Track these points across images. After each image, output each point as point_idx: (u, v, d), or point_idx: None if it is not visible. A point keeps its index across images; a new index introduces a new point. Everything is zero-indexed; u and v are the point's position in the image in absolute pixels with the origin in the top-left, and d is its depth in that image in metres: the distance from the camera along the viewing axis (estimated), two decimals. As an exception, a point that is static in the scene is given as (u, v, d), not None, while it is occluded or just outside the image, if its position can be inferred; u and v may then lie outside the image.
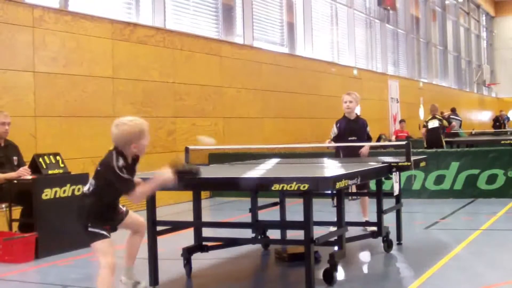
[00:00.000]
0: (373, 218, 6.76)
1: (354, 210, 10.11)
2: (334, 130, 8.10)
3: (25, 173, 7.31)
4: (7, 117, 7.60)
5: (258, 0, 16.15)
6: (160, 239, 5.69)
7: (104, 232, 4.50)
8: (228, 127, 13.78)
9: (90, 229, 4.49)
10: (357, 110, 8.38)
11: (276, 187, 4.85)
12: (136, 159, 4.61)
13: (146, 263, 5.55)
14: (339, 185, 4.90)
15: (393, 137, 22.26)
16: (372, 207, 6.87)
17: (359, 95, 8.19)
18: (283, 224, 7.24)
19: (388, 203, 6.86)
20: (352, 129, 7.99)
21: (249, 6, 15.43)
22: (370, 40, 24.04)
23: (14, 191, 7.34)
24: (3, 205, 7.50)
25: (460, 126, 22.70)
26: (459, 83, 36.36)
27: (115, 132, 4.46)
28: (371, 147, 13.24)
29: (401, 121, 22.06)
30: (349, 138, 7.94)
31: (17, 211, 7.58)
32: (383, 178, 6.59)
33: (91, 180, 4.58)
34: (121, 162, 4.44)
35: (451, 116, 23.07)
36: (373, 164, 6.41)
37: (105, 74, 10.68)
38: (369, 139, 8.01)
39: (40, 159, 7.50)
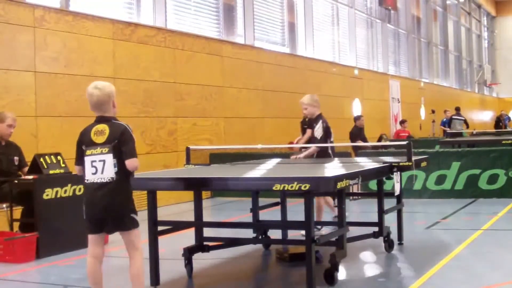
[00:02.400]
0: (374, 218, 6.76)
1: (355, 210, 10.13)
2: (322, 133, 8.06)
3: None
4: (15, 121, 7.63)
5: (259, 0, 16.15)
6: (161, 239, 5.69)
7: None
8: (229, 127, 13.79)
9: (133, 215, 4.50)
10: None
11: (277, 187, 4.85)
12: None
13: (147, 263, 5.54)
14: (340, 185, 4.90)
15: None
16: (374, 207, 6.86)
17: (313, 97, 8.05)
18: (284, 224, 7.24)
19: (389, 203, 6.86)
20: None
21: (250, 6, 15.43)
22: (371, 40, 24.03)
23: (15, 191, 7.34)
24: (4, 205, 7.51)
25: (466, 126, 22.64)
26: (460, 83, 36.35)
27: (98, 93, 4.59)
28: (373, 147, 13.27)
29: (403, 121, 22.05)
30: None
31: (18, 211, 7.59)
32: (384, 178, 6.59)
33: (111, 161, 4.41)
34: (130, 127, 4.54)
35: (453, 117, 23.04)
36: (374, 164, 6.41)
37: (106, 74, 10.68)
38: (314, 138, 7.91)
39: (41, 159, 7.50)
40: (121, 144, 4.42)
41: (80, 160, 4.57)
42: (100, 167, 4.42)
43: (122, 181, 4.45)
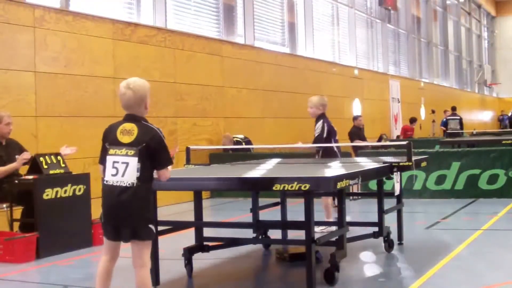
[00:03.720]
0: (374, 218, 6.76)
1: (355, 210, 10.13)
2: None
3: (26, 156, 7.31)
4: (10, 117, 7.66)
5: (259, 0, 16.15)
6: (161, 239, 5.69)
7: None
8: (229, 127, 13.78)
9: (150, 225, 4.13)
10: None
11: (277, 187, 4.85)
12: None
13: (147, 263, 5.55)
14: (340, 185, 4.90)
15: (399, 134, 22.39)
16: (373, 207, 6.86)
17: (322, 99, 8.29)
18: (284, 224, 7.24)
19: (389, 203, 6.86)
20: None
21: (250, 6, 15.43)
22: (371, 40, 24.04)
23: (15, 191, 7.35)
24: (4, 205, 7.51)
25: (461, 125, 22.67)
26: (460, 83, 36.35)
27: (130, 94, 4.14)
28: (373, 147, 13.30)
29: (413, 120, 22.33)
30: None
31: (18, 211, 7.59)
32: (384, 178, 6.60)
33: (135, 165, 4.05)
34: (162, 131, 4.20)
35: (448, 117, 23.09)
36: (374, 164, 6.41)
37: (106, 74, 10.68)
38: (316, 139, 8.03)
39: (41, 159, 7.50)
40: (151, 150, 4.09)
41: (103, 159, 4.21)
42: (122, 170, 4.07)
43: (142, 188, 4.09)
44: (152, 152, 4.11)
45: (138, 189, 4.07)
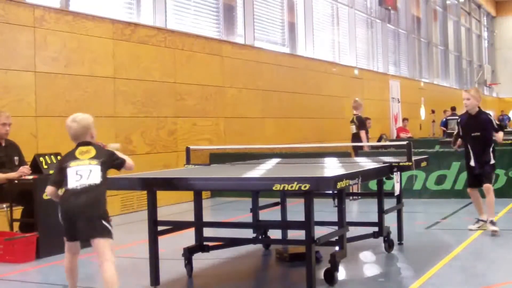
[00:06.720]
0: (374, 218, 6.76)
1: (355, 210, 10.13)
2: (456, 128, 8.11)
3: (25, 171, 7.31)
4: (9, 118, 7.63)
5: (259, 0, 16.14)
6: (161, 239, 5.69)
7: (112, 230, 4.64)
8: (229, 127, 13.79)
9: (105, 222, 4.61)
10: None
11: (277, 187, 4.85)
12: None
13: (147, 263, 5.55)
14: (340, 185, 4.90)
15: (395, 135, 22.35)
16: (374, 207, 6.86)
17: (478, 91, 8.13)
18: (284, 224, 7.24)
19: (389, 203, 6.86)
20: (472, 125, 7.91)
21: (250, 6, 15.43)
22: (371, 40, 24.03)
23: (15, 191, 7.34)
24: (4, 205, 7.51)
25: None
26: (460, 83, 36.34)
27: (75, 126, 4.79)
28: (373, 147, 13.28)
29: (404, 119, 22.22)
30: (472, 134, 7.90)
31: (18, 211, 7.59)
32: (384, 178, 6.60)
33: (99, 172, 4.66)
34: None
35: (448, 117, 23.13)
36: (374, 164, 6.41)
37: (106, 74, 10.68)
38: (499, 130, 7.97)
39: (41, 159, 7.50)
40: (108, 163, 4.75)
41: (56, 182, 4.77)
42: (87, 175, 4.63)
43: (103, 189, 4.67)
44: (109, 164, 4.80)
45: (99, 188, 4.65)
